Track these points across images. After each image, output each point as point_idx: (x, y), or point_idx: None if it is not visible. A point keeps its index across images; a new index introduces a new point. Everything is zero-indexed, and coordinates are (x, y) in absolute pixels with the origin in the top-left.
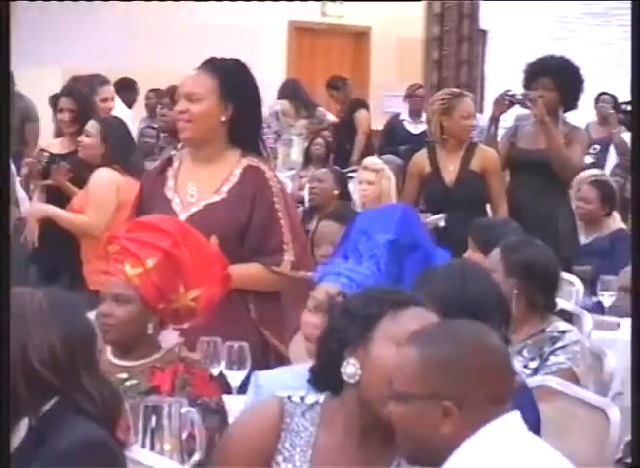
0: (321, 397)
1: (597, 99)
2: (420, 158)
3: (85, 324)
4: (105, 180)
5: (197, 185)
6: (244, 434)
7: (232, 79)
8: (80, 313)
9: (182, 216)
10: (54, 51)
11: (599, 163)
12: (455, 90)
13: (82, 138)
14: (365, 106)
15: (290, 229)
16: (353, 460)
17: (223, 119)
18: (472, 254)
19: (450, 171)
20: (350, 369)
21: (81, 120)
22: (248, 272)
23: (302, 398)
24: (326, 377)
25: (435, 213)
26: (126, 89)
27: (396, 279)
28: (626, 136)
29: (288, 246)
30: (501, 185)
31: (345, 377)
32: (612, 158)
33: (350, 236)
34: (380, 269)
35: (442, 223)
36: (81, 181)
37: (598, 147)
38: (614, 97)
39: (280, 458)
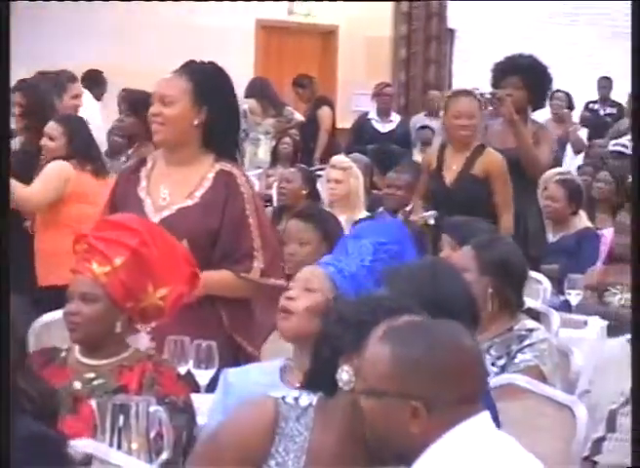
0: (314, 399)
1: (551, 97)
2: (431, 154)
3: (18, 325)
4: (56, 168)
5: (169, 188)
6: (238, 433)
7: (207, 83)
8: (13, 316)
9: (155, 220)
10: (53, 51)
11: (557, 161)
12: (459, 89)
13: (45, 142)
14: (328, 104)
15: (260, 236)
16: (347, 466)
17: (196, 122)
18: (449, 253)
19: (453, 170)
20: (345, 376)
21: (30, 115)
22: (217, 278)
23: (296, 399)
24: (319, 380)
25: (436, 210)
26: (95, 82)
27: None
28: (582, 134)
29: (258, 253)
30: (506, 191)
31: (340, 384)
32: (569, 156)
33: (342, 240)
34: (364, 265)
35: (432, 221)
36: (28, 172)
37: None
38: (568, 95)
39: (273, 462)
